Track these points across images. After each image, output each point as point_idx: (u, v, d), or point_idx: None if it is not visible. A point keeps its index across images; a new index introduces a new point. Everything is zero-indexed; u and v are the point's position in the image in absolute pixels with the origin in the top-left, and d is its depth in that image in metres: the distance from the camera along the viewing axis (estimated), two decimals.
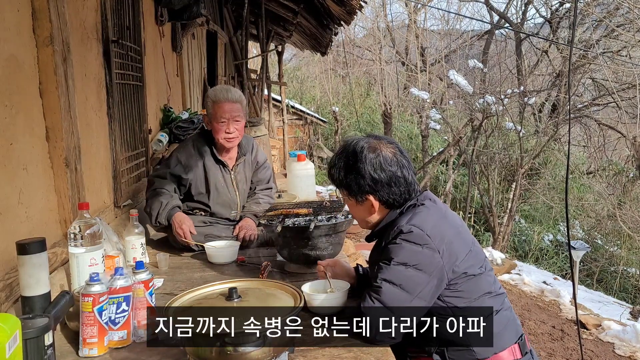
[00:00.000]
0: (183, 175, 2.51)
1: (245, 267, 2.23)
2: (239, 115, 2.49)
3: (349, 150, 1.59)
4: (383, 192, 1.56)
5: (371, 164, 1.54)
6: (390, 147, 1.59)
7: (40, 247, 1.49)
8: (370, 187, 1.56)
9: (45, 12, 1.83)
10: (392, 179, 1.55)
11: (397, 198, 1.58)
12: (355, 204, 1.64)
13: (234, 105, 2.47)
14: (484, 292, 1.53)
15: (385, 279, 1.46)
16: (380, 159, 1.55)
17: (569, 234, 3.35)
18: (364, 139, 1.61)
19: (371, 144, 1.58)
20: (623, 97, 10.45)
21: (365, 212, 1.63)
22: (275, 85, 10.13)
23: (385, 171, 1.55)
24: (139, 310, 1.53)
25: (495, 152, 11.96)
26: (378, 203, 1.59)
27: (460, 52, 14.93)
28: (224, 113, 2.45)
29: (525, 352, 1.58)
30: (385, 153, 1.57)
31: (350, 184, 1.59)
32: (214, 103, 2.48)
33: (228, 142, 2.51)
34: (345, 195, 1.64)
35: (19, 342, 1.13)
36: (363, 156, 1.55)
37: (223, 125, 2.47)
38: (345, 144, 1.63)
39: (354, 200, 1.62)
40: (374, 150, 1.56)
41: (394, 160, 1.56)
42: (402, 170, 1.57)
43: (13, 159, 1.66)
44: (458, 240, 1.52)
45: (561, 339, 5.28)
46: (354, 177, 1.57)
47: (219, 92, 2.50)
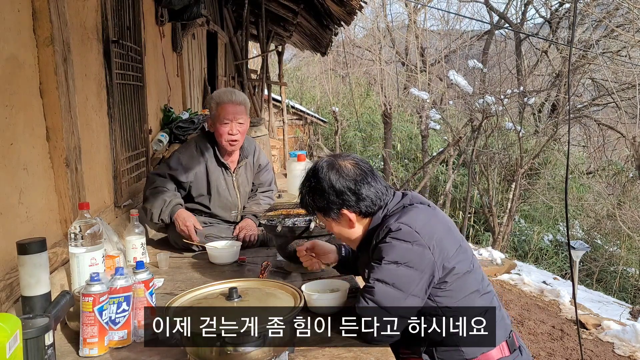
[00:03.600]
0: (183, 178, 2.49)
1: (245, 267, 2.23)
2: (242, 117, 2.48)
3: (310, 173, 1.62)
4: (352, 202, 1.57)
5: (332, 179, 1.56)
6: (348, 159, 1.61)
7: (41, 247, 1.49)
8: (340, 201, 1.57)
9: (46, 12, 1.84)
10: (357, 187, 1.56)
11: (370, 204, 1.58)
12: (335, 225, 1.64)
13: (238, 107, 2.47)
14: (473, 291, 1.54)
15: (377, 279, 1.46)
16: (340, 171, 1.57)
17: (569, 234, 3.36)
18: (322, 159, 1.63)
19: (329, 161, 1.60)
20: (623, 97, 10.46)
21: (347, 227, 1.63)
22: (275, 85, 10.12)
23: (347, 181, 1.56)
24: (139, 310, 1.53)
25: (495, 152, 11.97)
26: (354, 214, 1.59)
27: (460, 52, 14.94)
28: (227, 114, 2.44)
29: (514, 349, 1.58)
30: (344, 165, 1.58)
31: (320, 205, 1.60)
32: (217, 105, 2.47)
33: (231, 145, 2.50)
34: (322, 218, 1.65)
35: (19, 342, 1.13)
36: (323, 174, 1.57)
37: (226, 126, 2.46)
38: (308, 171, 1.65)
39: (331, 219, 1.62)
40: (332, 166, 1.58)
41: (353, 170, 1.58)
42: (365, 177, 1.57)
43: (13, 159, 1.66)
44: (448, 237, 1.53)
45: (561, 339, 5.28)
46: (320, 196, 1.58)
47: (222, 94, 2.50)
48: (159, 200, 2.41)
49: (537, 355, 4.88)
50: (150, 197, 2.45)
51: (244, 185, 2.66)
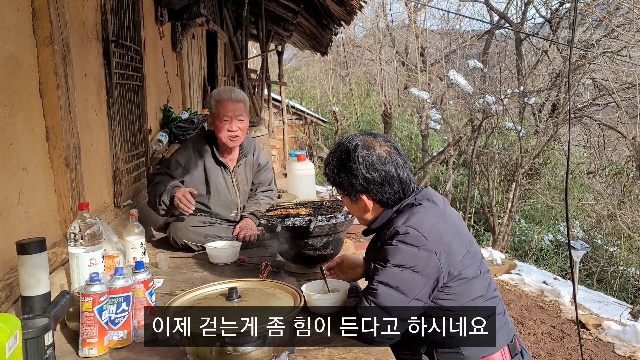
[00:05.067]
0: (181, 178, 2.50)
1: (245, 267, 2.23)
2: (242, 114, 2.50)
3: (343, 148, 1.57)
4: (376, 191, 1.54)
5: (364, 163, 1.52)
6: (384, 146, 1.56)
7: (40, 247, 1.49)
8: (363, 186, 1.54)
9: (45, 12, 1.83)
10: (385, 179, 1.53)
11: (391, 197, 1.56)
12: (350, 203, 1.64)
13: (237, 104, 2.49)
14: (477, 296, 1.51)
15: (381, 281, 1.44)
16: (374, 158, 1.53)
17: (569, 234, 3.35)
18: (358, 136, 1.58)
19: (365, 142, 1.55)
20: (623, 97, 10.45)
21: (360, 210, 1.62)
22: (275, 85, 10.13)
23: (378, 171, 1.52)
24: (139, 310, 1.53)
25: (495, 152, 11.96)
26: (372, 202, 1.57)
27: (460, 52, 14.93)
28: (227, 111, 2.46)
29: (515, 354, 1.56)
30: (379, 151, 1.54)
31: (343, 183, 1.57)
32: (217, 102, 2.49)
33: (231, 141, 2.51)
34: (340, 193, 1.64)
35: (19, 342, 1.13)
36: (356, 155, 1.53)
37: (226, 123, 2.47)
38: (340, 141, 1.61)
39: (348, 198, 1.62)
40: (367, 149, 1.54)
41: (387, 159, 1.53)
42: (396, 170, 1.54)
43: (13, 159, 1.66)
44: (456, 241, 1.50)
45: (561, 339, 5.28)
46: (347, 176, 1.55)
47: (222, 92, 2.52)
48: (160, 187, 2.43)
49: (538, 355, 4.88)
50: (151, 191, 2.48)
51: (243, 184, 2.66)
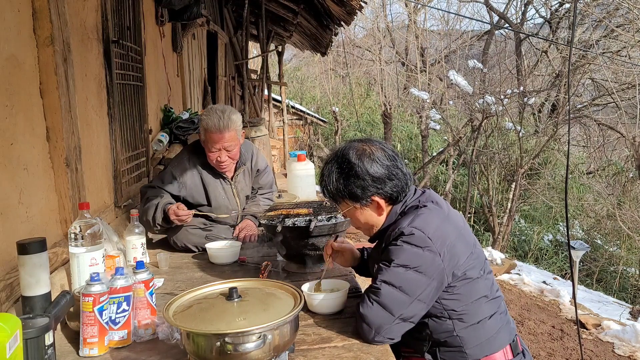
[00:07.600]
0: (176, 192, 2.46)
1: (245, 267, 2.23)
2: (232, 144, 2.41)
3: (340, 159, 1.59)
4: (387, 187, 1.56)
5: (368, 164, 1.55)
6: (376, 145, 1.60)
7: (41, 247, 1.49)
8: (374, 186, 1.56)
9: (46, 12, 1.84)
10: (390, 172, 1.56)
11: (399, 191, 1.58)
12: (360, 210, 1.61)
13: (226, 134, 2.37)
14: (481, 296, 1.53)
15: (384, 281, 1.45)
16: (374, 157, 1.56)
17: (569, 233, 3.35)
18: (348, 145, 1.61)
19: (359, 147, 1.59)
20: (623, 97, 10.46)
21: (372, 215, 1.61)
22: (275, 85, 10.13)
23: (382, 167, 1.56)
24: (140, 310, 1.53)
25: (495, 152, 11.97)
26: (383, 201, 1.58)
27: (460, 52, 14.94)
28: (215, 144, 2.38)
29: (517, 353, 1.58)
30: (375, 151, 1.58)
31: (353, 190, 1.57)
32: (205, 131, 2.39)
33: (220, 169, 2.48)
34: (348, 204, 1.61)
35: (19, 342, 1.13)
36: (357, 159, 1.56)
37: (214, 154, 2.42)
38: (333, 156, 1.63)
39: (358, 205, 1.60)
40: (364, 151, 1.57)
41: (385, 155, 1.58)
42: (395, 163, 1.58)
43: (13, 159, 1.66)
44: (460, 243, 1.51)
45: (561, 339, 5.28)
46: (354, 181, 1.56)
47: (209, 119, 2.37)
48: (150, 209, 2.37)
49: (537, 355, 4.88)
50: (142, 211, 2.40)
51: (243, 192, 2.65)
